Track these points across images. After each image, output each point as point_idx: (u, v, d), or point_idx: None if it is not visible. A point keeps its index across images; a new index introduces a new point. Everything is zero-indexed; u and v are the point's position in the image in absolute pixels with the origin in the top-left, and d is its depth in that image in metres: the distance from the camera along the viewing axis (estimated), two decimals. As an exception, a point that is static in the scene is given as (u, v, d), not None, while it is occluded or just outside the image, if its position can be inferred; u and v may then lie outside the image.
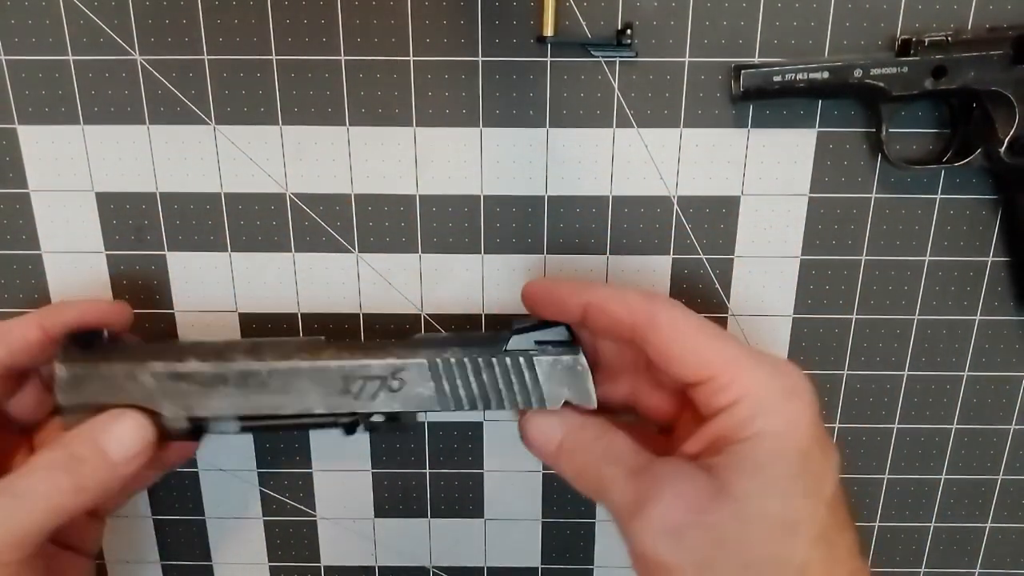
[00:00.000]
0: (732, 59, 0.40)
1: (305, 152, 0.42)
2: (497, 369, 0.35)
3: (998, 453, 0.47)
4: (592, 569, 0.50)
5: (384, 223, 0.43)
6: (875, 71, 0.38)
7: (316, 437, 0.47)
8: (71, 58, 0.40)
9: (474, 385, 0.35)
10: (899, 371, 0.45)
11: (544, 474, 0.48)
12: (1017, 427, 0.46)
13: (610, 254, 0.43)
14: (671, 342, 0.31)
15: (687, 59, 0.40)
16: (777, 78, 0.38)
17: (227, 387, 0.35)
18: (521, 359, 0.35)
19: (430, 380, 0.35)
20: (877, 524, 0.48)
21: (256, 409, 0.35)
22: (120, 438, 0.33)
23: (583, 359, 0.35)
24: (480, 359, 0.35)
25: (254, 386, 0.35)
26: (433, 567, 0.50)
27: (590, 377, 0.35)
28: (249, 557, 0.49)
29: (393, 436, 0.47)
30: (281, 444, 0.47)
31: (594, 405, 0.35)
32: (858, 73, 0.38)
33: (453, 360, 0.35)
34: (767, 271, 0.43)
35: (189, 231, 0.43)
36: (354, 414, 0.35)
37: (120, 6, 0.39)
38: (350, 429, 0.36)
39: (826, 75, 0.38)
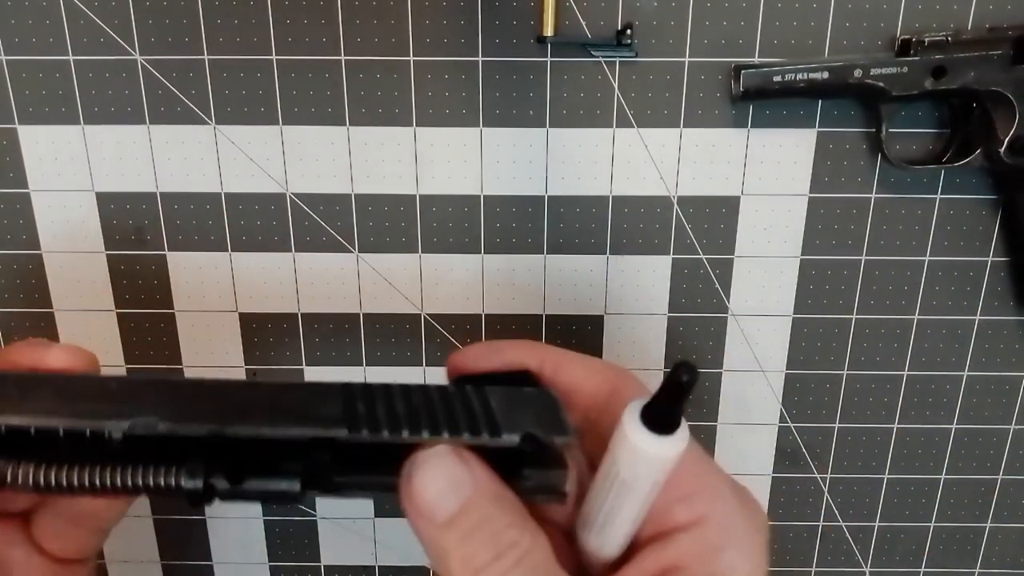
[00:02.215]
0: (732, 59, 0.40)
1: (305, 152, 0.42)
2: (434, 394, 0.25)
3: (998, 453, 0.47)
4: (592, 569, 0.50)
5: (384, 223, 0.43)
6: (875, 71, 0.38)
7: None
8: (71, 58, 0.40)
9: (400, 407, 0.24)
10: (899, 371, 0.45)
11: (544, 474, 0.48)
12: (1017, 427, 0.46)
13: (610, 254, 0.43)
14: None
15: (687, 59, 0.40)
16: (777, 78, 0.38)
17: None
18: (468, 387, 0.25)
19: (338, 401, 0.24)
20: (877, 524, 0.48)
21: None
22: None
23: (552, 391, 0.26)
24: (408, 387, 0.25)
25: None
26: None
27: (562, 406, 0.25)
28: (249, 557, 0.49)
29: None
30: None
31: (571, 439, 0.24)
32: (858, 73, 0.38)
33: (374, 384, 0.25)
34: (767, 271, 0.43)
35: (189, 231, 0.43)
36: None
37: (120, 6, 0.39)
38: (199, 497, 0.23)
39: (826, 75, 0.38)
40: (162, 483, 0.22)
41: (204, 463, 0.22)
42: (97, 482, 0.22)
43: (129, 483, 0.22)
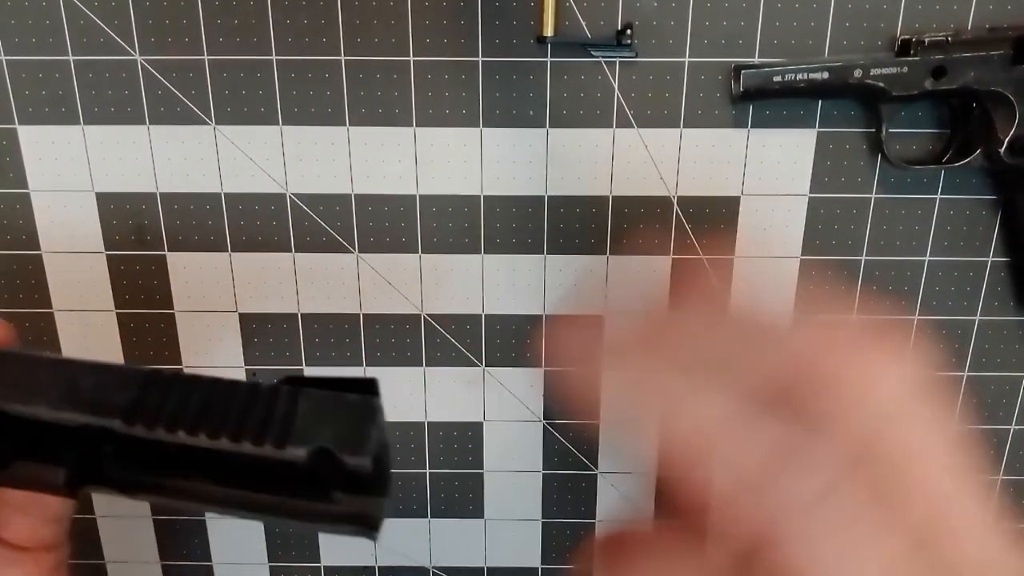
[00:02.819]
0: (732, 59, 0.40)
1: (305, 152, 0.42)
2: (242, 392, 0.21)
3: (998, 453, 0.47)
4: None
5: (384, 223, 0.43)
6: (875, 71, 0.38)
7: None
8: (71, 58, 0.40)
9: (193, 404, 0.21)
10: (899, 371, 0.45)
11: (544, 474, 0.48)
12: (1017, 427, 0.46)
13: (610, 254, 0.43)
14: None
15: (687, 59, 0.40)
16: (777, 78, 0.38)
17: None
18: (284, 387, 0.21)
19: (136, 388, 0.21)
20: (877, 524, 0.48)
21: None
22: None
23: (380, 402, 0.21)
24: (216, 380, 0.22)
25: None
26: (433, 567, 0.50)
27: (380, 419, 0.21)
28: (249, 557, 0.49)
29: (393, 437, 0.47)
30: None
31: (365, 461, 0.20)
32: (858, 73, 0.38)
33: (183, 375, 0.22)
34: (767, 271, 0.43)
35: (189, 231, 0.43)
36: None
37: (120, 6, 0.39)
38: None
39: (826, 75, 0.38)
40: None
41: None
42: None
43: None
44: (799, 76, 0.38)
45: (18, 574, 0.28)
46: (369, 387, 0.22)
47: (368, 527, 0.20)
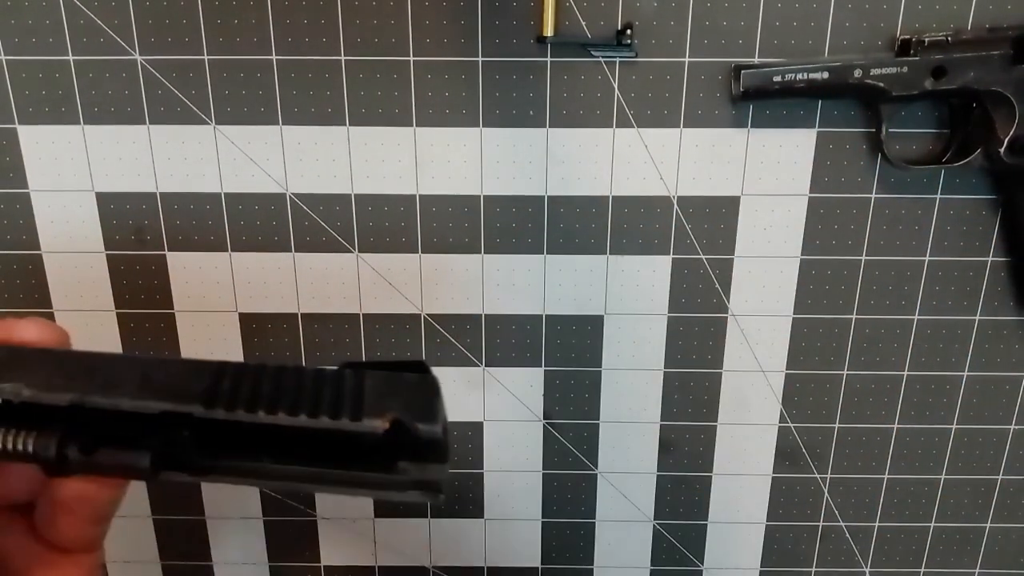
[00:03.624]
0: (732, 59, 0.40)
1: (305, 152, 0.42)
2: (307, 375, 0.23)
3: (998, 453, 0.47)
4: (592, 569, 0.50)
5: (384, 223, 0.43)
6: (875, 71, 0.38)
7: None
8: (71, 58, 0.40)
9: (266, 387, 0.22)
10: (899, 371, 0.45)
11: (544, 474, 0.48)
12: (1017, 427, 0.46)
13: (610, 254, 0.43)
14: None
15: (687, 59, 0.40)
16: (777, 78, 0.38)
17: None
18: (347, 371, 0.23)
19: (208, 377, 0.23)
20: (877, 524, 0.48)
21: None
22: None
23: (436, 378, 0.23)
24: (284, 366, 0.23)
25: None
26: (433, 567, 0.50)
27: (440, 393, 0.23)
28: (249, 557, 0.49)
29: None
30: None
31: (439, 427, 0.22)
32: (858, 73, 0.38)
33: (251, 363, 0.23)
34: (767, 271, 0.43)
35: (189, 231, 0.43)
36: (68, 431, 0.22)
37: (120, 6, 0.39)
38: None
39: (826, 75, 0.38)
40: (19, 448, 0.22)
41: (60, 432, 0.22)
42: None
43: None
44: (799, 76, 0.38)
45: None
46: (421, 367, 0.24)
47: (433, 491, 0.22)
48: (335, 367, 0.23)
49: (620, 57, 0.40)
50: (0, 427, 0.22)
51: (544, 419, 0.46)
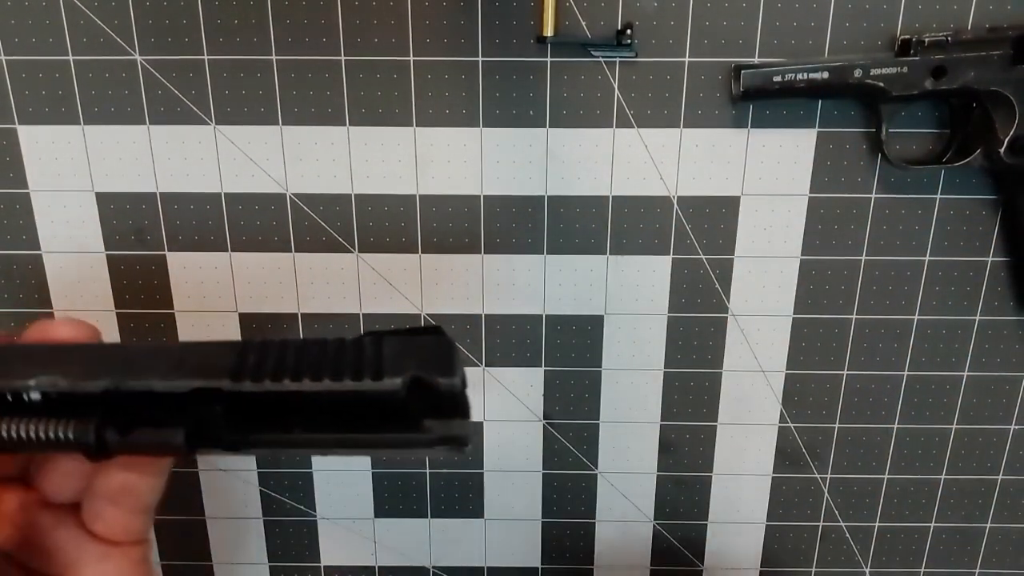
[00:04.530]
0: (732, 59, 0.40)
1: (305, 152, 0.42)
2: (329, 345, 0.24)
3: (998, 453, 0.47)
4: (592, 569, 0.50)
5: (384, 223, 0.43)
6: (875, 71, 0.38)
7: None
8: (71, 58, 0.40)
9: (290, 358, 0.23)
10: (899, 371, 0.45)
11: (544, 474, 0.48)
12: (1017, 427, 0.46)
13: (610, 254, 0.43)
14: None
15: (687, 59, 0.40)
16: (777, 78, 0.38)
17: None
18: (366, 338, 0.24)
19: (233, 354, 0.24)
20: (877, 524, 0.48)
21: None
22: None
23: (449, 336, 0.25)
24: (306, 340, 0.24)
25: None
26: (433, 567, 0.50)
27: (456, 349, 0.24)
28: (249, 557, 0.49)
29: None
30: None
31: (456, 380, 0.23)
32: (858, 73, 0.38)
33: (273, 339, 0.25)
34: (767, 271, 0.43)
35: (189, 231, 0.43)
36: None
37: (120, 6, 0.39)
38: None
39: (826, 75, 0.38)
40: (60, 436, 0.23)
41: (98, 417, 0.23)
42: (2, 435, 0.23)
43: (27, 436, 0.23)
44: (799, 76, 0.38)
45: (110, 569, 0.29)
46: (438, 331, 0.25)
47: (459, 445, 0.23)
48: (355, 337, 0.24)
49: (620, 57, 0.40)
50: (41, 418, 0.23)
51: (544, 419, 0.46)
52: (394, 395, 0.22)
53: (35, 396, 0.23)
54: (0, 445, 0.23)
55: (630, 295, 0.44)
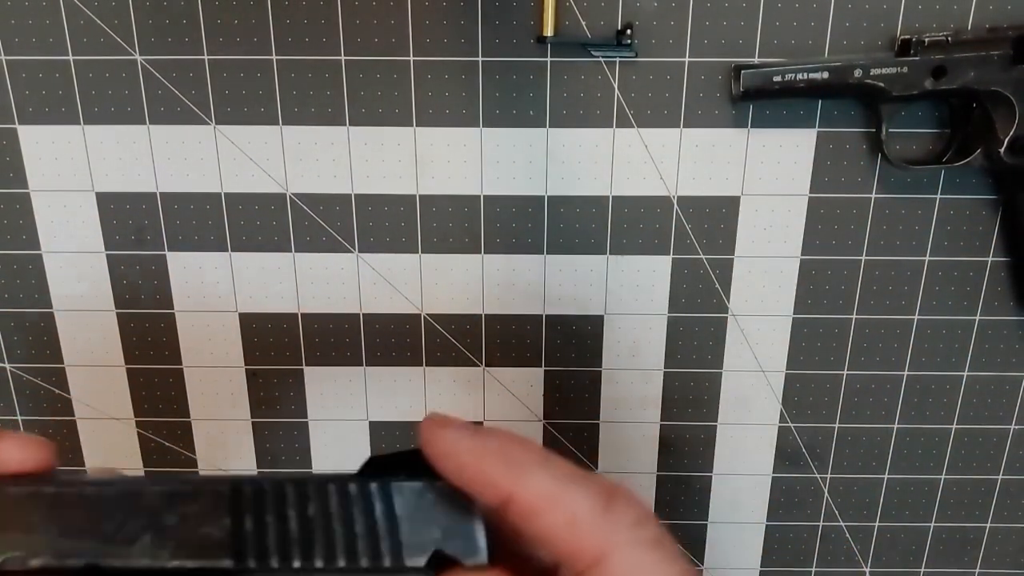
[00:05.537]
0: (732, 59, 0.40)
1: (305, 152, 0.42)
2: (333, 500, 0.22)
3: (998, 453, 0.47)
4: (592, 569, 0.49)
5: (384, 223, 0.43)
6: (875, 71, 0.38)
7: (317, 436, 0.47)
8: (71, 58, 0.40)
9: (293, 522, 0.22)
10: (899, 371, 0.45)
11: (544, 474, 0.47)
12: (1017, 427, 0.46)
13: (610, 254, 0.43)
14: None
15: (687, 59, 0.40)
16: (777, 78, 0.38)
17: None
18: (372, 485, 0.22)
19: (226, 514, 0.22)
20: (877, 524, 0.48)
21: None
22: None
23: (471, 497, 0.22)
24: (305, 485, 0.22)
25: None
26: (433, 567, 0.50)
27: (477, 512, 0.22)
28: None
29: (393, 436, 0.47)
30: (281, 444, 0.47)
31: (483, 560, 0.21)
32: (858, 73, 0.38)
33: (267, 486, 0.22)
34: (767, 271, 0.43)
35: (189, 231, 0.43)
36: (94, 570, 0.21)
37: (120, 6, 0.39)
38: None
39: (826, 75, 0.38)
40: None
41: None
42: None
43: None
44: (799, 76, 0.38)
45: None
46: (416, 453, 0.23)
47: None
48: (353, 474, 0.22)
49: (620, 57, 0.40)
50: None
51: (544, 419, 0.46)
52: (417, 573, 0.21)
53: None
54: None
55: (630, 295, 0.44)
